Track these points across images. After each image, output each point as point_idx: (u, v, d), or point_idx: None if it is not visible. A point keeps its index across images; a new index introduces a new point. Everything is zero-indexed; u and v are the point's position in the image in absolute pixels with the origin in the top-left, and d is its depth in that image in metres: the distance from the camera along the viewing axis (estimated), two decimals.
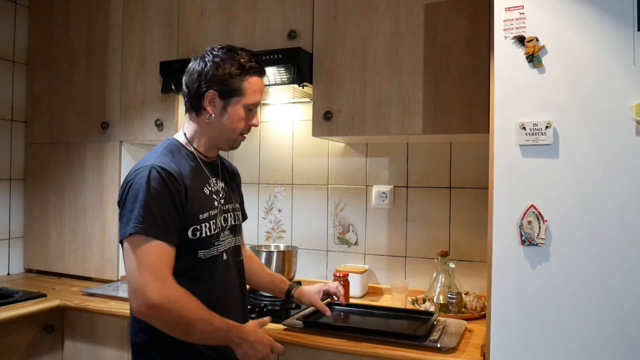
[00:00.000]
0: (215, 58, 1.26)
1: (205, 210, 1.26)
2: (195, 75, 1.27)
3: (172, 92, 1.98)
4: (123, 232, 1.14)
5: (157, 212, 1.14)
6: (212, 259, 1.27)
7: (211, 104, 1.27)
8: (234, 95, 1.27)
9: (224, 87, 1.26)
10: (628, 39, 1.10)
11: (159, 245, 1.13)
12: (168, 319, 1.12)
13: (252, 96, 1.29)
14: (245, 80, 1.27)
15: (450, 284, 1.78)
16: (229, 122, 1.29)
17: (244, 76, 1.27)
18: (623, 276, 1.09)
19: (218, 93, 1.26)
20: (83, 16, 2.27)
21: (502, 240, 1.20)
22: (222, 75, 1.25)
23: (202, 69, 1.27)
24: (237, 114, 1.28)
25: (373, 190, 2.09)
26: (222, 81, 1.25)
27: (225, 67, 1.25)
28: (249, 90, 1.28)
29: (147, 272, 1.10)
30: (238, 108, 1.28)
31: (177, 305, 1.11)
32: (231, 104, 1.27)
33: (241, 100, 1.28)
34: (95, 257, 2.20)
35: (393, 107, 1.69)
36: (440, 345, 1.34)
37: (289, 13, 1.87)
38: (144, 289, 1.09)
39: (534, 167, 1.17)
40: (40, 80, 2.38)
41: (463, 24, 1.61)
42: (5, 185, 2.34)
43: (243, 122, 1.31)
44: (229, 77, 1.25)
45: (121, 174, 2.17)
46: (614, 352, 1.10)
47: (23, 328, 1.77)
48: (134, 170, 1.21)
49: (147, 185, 1.15)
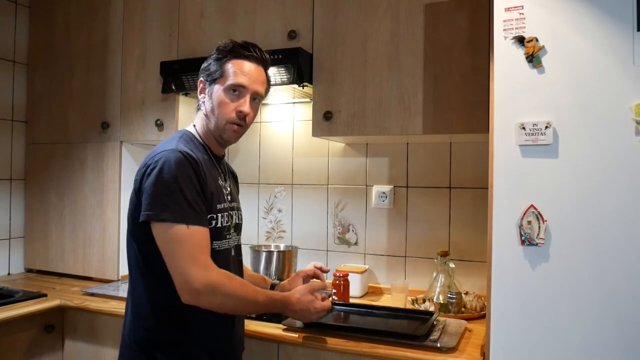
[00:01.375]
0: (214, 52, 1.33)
1: (220, 201, 1.28)
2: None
3: (172, 92, 1.99)
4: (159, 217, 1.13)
5: (190, 196, 1.15)
6: (224, 252, 1.29)
7: (202, 92, 1.32)
8: (215, 78, 1.29)
9: (208, 73, 1.31)
10: (628, 39, 1.10)
11: (197, 230, 1.15)
12: (216, 302, 1.15)
13: (234, 77, 1.27)
14: (225, 62, 1.29)
15: (450, 284, 1.78)
16: (216, 107, 1.28)
17: (224, 59, 1.29)
18: (623, 276, 1.09)
19: (204, 80, 1.31)
20: (83, 16, 2.27)
21: (502, 240, 1.20)
22: (208, 63, 1.31)
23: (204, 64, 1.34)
24: (219, 97, 1.28)
25: (373, 190, 2.09)
26: (207, 68, 1.31)
27: (212, 56, 1.32)
28: (229, 71, 1.28)
29: (189, 259, 1.12)
30: (219, 91, 1.28)
31: (222, 289, 1.14)
32: (215, 89, 1.29)
33: (222, 82, 1.28)
34: (95, 257, 2.20)
35: (393, 107, 1.69)
36: (440, 345, 1.34)
37: (289, 13, 1.87)
38: (189, 277, 1.11)
39: (534, 167, 1.17)
40: (41, 80, 2.38)
41: (463, 24, 1.61)
42: (6, 185, 2.34)
43: (227, 107, 1.28)
44: (213, 62, 1.30)
45: (121, 174, 2.17)
46: (613, 351, 1.10)
47: (23, 328, 1.77)
48: (156, 154, 1.19)
49: (176, 169, 1.15)
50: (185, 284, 1.11)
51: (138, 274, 1.24)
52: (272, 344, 1.50)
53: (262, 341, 1.50)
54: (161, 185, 1.14)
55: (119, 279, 2.15)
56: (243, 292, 1.19)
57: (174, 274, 1.13)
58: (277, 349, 1.50)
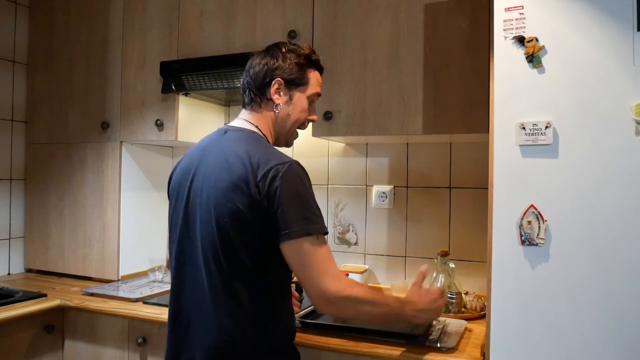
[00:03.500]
0: (281, 50, 1.30)
1: None
2: (261, 67, 1.29)
3: (172, 92, 1.99)
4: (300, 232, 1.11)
5: (318, 208, 1.18)
6: None
7: (277, 92, 1.28)
8: (299, 84, 1.30)
9: (290, 76, 1.28)
10: (628, 39, 1.10)
11: (326, 242, 1.17)
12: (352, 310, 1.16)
13: (315, 87, 1.33)
14: (310, 71, 1.32)
15: (450, 284, 1.78)
16: (294, 112, 1.31)
17: (308, 67, 1.31)
18: (623, 276, 1.09)
19: (285, 81, 1.28)
20: (83, 16, 2.27)
21: (502, 240, 1.20)
22: (288, 65, 1.28)
23: (269, 60, 1.29)
24: (301, 104, 1.31)
25: (373, 190, 2.09)
26: (289, 70, 1.28)
27: (291, 58, 1.29)
28: (313, 81, 1.32)
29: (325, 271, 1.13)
30: (302, 98, 1.31)
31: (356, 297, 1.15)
32: (297, 94, 1.30)
33: (305, 90, 1.31)
34: (95, 257, 2.20)
35: (393, 107, 1.69)
36: (440, 345, 1.34)
37: (289, 13, 1.87)
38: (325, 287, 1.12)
39: (534, 167, 1.17)
40: (41, 80, 2.38)
41: (463, 24, 1.61)
42: (6, 185, 2.34)
43: (304, 114, 1.33)
44: (295, 66, 1.29)
45: (121, 174, 2.17)
46: (614, 351, 1.10)
47: (23, 328, 1.77)
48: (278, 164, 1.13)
49: (305, 180, 1.16)
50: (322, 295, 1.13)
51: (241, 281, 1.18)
52: None
53: None
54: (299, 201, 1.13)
55: (119, 279, 2.15)
56: (374, 297, 1.19)
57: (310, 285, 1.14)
58: None
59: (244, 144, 1.19)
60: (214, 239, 1.15)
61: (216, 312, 1.16)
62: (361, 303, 1.16)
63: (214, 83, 1.90)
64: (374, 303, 1.18)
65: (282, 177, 1.11)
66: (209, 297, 1.17)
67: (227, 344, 1.15)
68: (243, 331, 1.15)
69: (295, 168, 1.15)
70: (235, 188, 1.13)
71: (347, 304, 1.14)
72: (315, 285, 1.12)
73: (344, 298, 1.13)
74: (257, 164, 1.13)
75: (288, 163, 1.14)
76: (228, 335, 1.15)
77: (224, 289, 1.15)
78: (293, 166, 1.15)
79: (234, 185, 1.14)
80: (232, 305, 1.15)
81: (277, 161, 1.14)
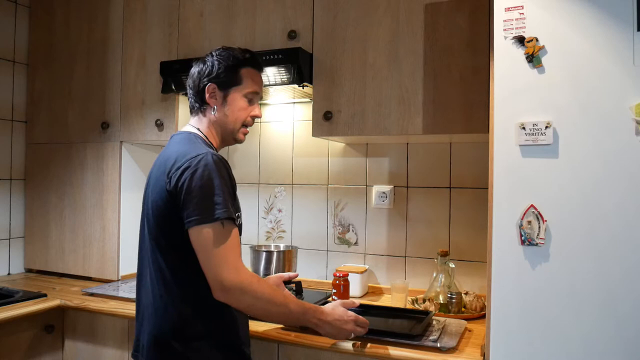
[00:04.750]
0: (213, 55, 1.35)
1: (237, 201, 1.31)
2: (196, 74, 1.36)
3: (172, 92, 1.99)
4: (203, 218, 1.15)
5: (229, 199, 1.19)
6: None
7: (212, 96, 1.34)
8: (232, 85, 1.34)
9: (222, 79, 1.33)
10: (628, 39, 1.10)
11: (234, 231, 1.19)
12: (245, 302, 1.18)
13: (249, 84, 1.36)
14: (241, 70, 1.35)
15: (450, 284, 1.78)
16: (231, 112, 1.35)
17: (239, 67, 1.34)
18: (623, 276, 1.09)
19: (217, 85, 1.33)
20: (83, 16, 2.27)
21: (502, 240, 1.20)
22: (219, 69, 1.33)
23: (202, 67, 1.35)
24: (238, 104, 1.35)
25: (373, 190, 2.09)
26: (219, 74, 1.33)
27: (222, 61, 1.34)
28: (246, 78, 1.35)
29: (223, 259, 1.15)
30: (237, 97, 1.35)
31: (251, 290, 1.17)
32: (230, 94, 1.34)
33: (239, 89, 1.35)
34: (95, 257, 2.20)
35: (393, 107, 1.69)
36: (440, 345, 1.34)
37: (289, 13, 1.87)
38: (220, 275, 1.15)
39: (534, 167, 1.17)
40: (41, 80, 2.38)
41: (463, 24, 1.61)
42: (6, 185, 2.34)
43: (244, 112, 1.36)
44: (225, 69, 1.33)
45: (121, 174, 2.17)
46: (614, 351, 1.10)
47: (23, 328, 1.77)
48: (191, 157, 1.19)
49: (216, 171, 1.18)
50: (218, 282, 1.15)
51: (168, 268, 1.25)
52: (272, 343, 1.50)
53: (261, 341, 1.50)
54: (207, 190, 1.16)
55: (119, 279, 2.15)
56: (272, 295, 1.21)
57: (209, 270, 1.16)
58: (277, 349, 1.50)
59: (177, 145, 1.28)
60: (147, 235, 1.28)
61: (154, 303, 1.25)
62: (257, 299, 1.18)
63: None
64: (271, 302, 1.21)
65: (192, 167, 1.17)
66: (150, 287, 1.27)
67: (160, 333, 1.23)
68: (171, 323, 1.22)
69: (207, 159, 1.19)
70: (158, 184, 1.24)
71: (241, 296, 1.16)
72: (213, 271, 1.16)
73: (239, 289, 1.15)
74: (174, 158, 1.22)
75: (202, 155, 1.19)
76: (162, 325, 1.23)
77: (157, 280, 1.25)
78: (205, 157, 1.19)
79: (158, 182, 1.24)
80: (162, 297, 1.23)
81: (192, 154, 1.20)
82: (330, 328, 1.30)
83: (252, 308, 1.20)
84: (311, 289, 2.04)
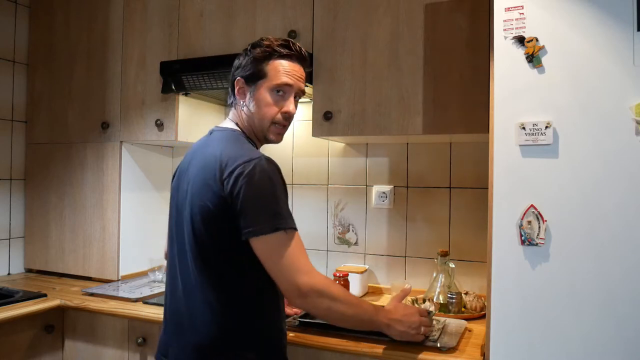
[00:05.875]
0: (247, 48, 1.29)
1: None
2: (233, 69, 1.32)
3: (172, 92, 1.99)
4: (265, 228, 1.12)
5: (287, 205, 1.17)
6: None
7: (240, 91, 1.29)
8: (257, 78, 1.27)
9: (248, 72, 1.27)
10: (628, 39, 1.10)
11: (297, 235, 1.16)
12: (323, 305, 1.16)
13: (275, 76, 1.26)
14: (268, 62, 1.26)
15: (450, 284, 1.78)
16: (256, 109, 1.28)
17: (266, 59, 1.27)
18: (623, 276, 1.09)
19: (244, 79, 1.28)
20: (83, 16, 2.27)
21: (502, 240, 1.20)
22: (246, 62, 1.28)
23: (236, 61, 1.31)
24: (264, 99, 1.27)
25: (373, 190, 2.09)
26: (246, 67, 1.27)
27: (250, 53, 1.28)
28: (272, 72, 1.26)
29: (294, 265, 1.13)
30: (263, 92, 1.27)
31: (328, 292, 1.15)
32: (256, 89, 1.27)
33: (265, 83, 1.27)
34: (95, 257, 2.20)
35: (393, 107, 1.69)
36: (440, 345, 1.34)
37: (289, 13, 1.87)
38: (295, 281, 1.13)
39: (534, 167, 1.17)
40: (41, 80, 2.38)
41: (463, 24, 1.61)
42: (6, 185, 2.34)
43: (271, 109, 1.27)
44: (252, 61, 1.27)
45: (121, 174, 2.17)
46: (614, 351, 1.10)
47: (23, 328, 1.77)
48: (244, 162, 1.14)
49: (273, 178, 1.15)
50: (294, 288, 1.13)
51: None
52: None
53: None
54: (267, 198, 1.13)
55: (119, 279, 2.15)
56: (347, 296, 1.20)
57: (283, 279, 1.14)
58: None
59: (222, 143, 1.22)
60: (192, 239, 1.19)
61: (201, 309, 1.18)
62: (334, 300, 1.16)
63: (214, 83, 1.90)
64: (347, 303, 1.19)
65: (248, 174, 1.12)
66: (195, 295, 1.19)
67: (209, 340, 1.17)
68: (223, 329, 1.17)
69: (263, 165, 1.15)
70: (206, 186, 1.16)
71: (320, 299, 1.15)
72: (287, 279, 1.13)
73: (316, 292, 1.14)
74: (225, 161, 1.15)
75: (255, 160, 1.14)
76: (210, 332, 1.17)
77: (205, 287, 1.18)
78: (260, 163, 1.14)
79: (206, 184, 1.17)
80: (212, 303, 1.17)
81: (245, 158, 1.15)
82: (401, 326, 1.27)
83: (329, 311, 1.17)
84: None
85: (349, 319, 1.22)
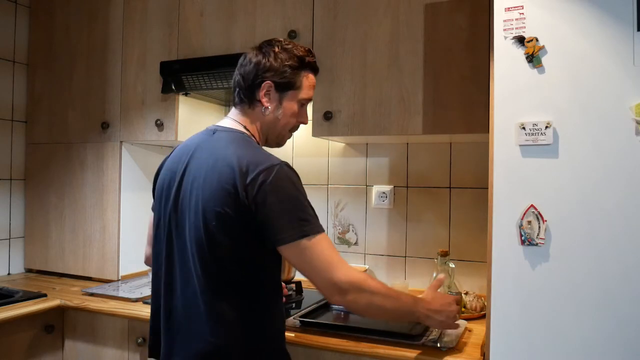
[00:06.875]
0: (275, 50, 1.25)
1: None
2: (252, 66, 1.25)
3: (172, 92, 1.99)
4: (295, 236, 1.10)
5: (310, 207, 1.15)
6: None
7: (266, 95, 1.25)
8: (290, 88, 1.26)
9: (281, 79, 1.24)
10: (628, 39, 1.10)
11: (324, 235, 1.15)
12: (364, 300, 1.14)
13: (307, 91, 1.29)
14: (303, 74, 1.27)
15: (450, 284, 1.78)
16: (283, 117, 1.27)
17: (301, 70, 1.27)
18: (623, 276, 1.09)
19: (275, 85, 1.24)
20: (83, 16, 2.27)
21: (502, 240, 1.20)
22: (280, 67, 1.24)
23: (260, 60, 1.25)
24: (292, 109, 1.28)
25: (373, 190, 2.09)
26: (280, 73, 1.24)
27: (284, 60, 1.24)
28: (305, 85, 1.28)
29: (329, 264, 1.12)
30: (293, 102, 1.27)
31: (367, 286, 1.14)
32: (287, 98, 1.27)
33: (296, 94, 1.27)
34: (95, 257, 2.20)
35: (393, 107, 1.69)
36: (440, 345, 1.34)
37: (289, 13, 1.87)
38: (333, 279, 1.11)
39: (534, 167, 1.17)
40: (41, 80, 2.38)
41: (463, 24, 1.61)
42: (6, 185, 2.34)
43: (295, 118, 1.29)
44: (288, 69, 1.24)
45: (121, 174, 2.17)
46: (614, 352, 1.10)
47: (23, 328, 1.77)
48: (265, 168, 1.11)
49: (296, 184, 1.14)
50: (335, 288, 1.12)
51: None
52: None
53: None
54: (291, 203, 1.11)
55: (119, 279, 2.15)
56: (385, 289, 1.18)
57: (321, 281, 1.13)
58: None
59: (234, 146, 1.17)
60: (202, 244, 1.14)
61: (207, 316, 1.14)
62: (373, 293, 1.14)
63: (214, 83, 1.90)
64: (386, 296, 1.17)
65: (272, 181, 1.10)
66: (200, 301, 1.15)
67: (217, 348, 1.14)
68: (234, 337, 1.14)
69: (285, 171, 1.13)
70: (224, 192, 1.11)
71: (359, 294, 1.13)
72: (324, 277, 1.12)
73: (356, 288, 1.12)
74: (245, 167, 1.11)
75: (277, 166, 1.12)
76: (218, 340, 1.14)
77: (214, 294, 1.14)
78: (282, 169, 1.13)
79: (223, 189, 1.11)
80: (223, 310, 1.14)
81: (267, 164, 1.12)
82: (440, 316, 1.25)
83: (370, 306, 1.15)
84: (311, 289, 2.04)
85: (388, 312, 1.20)
